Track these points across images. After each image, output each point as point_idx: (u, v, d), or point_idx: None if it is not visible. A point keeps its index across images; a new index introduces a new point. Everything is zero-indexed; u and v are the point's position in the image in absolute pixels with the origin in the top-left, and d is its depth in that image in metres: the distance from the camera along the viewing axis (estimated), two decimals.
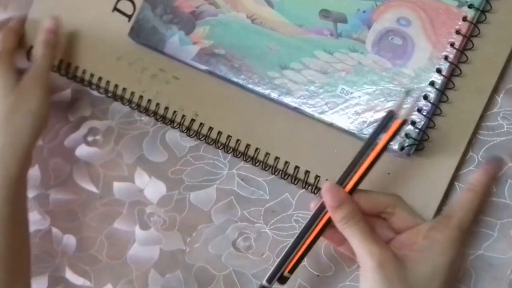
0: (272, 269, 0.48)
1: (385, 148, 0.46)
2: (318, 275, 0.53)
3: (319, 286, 0.53)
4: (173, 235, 0.57)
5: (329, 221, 0.47)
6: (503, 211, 0.49)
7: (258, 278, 0.54)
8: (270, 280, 0.48)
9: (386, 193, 0.50)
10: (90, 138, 0.61)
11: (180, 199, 0.57)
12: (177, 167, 0.58)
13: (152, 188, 0.58)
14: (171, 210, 0.58)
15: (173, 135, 0.58)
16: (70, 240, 0.60)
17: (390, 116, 0.47)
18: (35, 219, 0.61)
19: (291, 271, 0.48)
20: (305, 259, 0.52)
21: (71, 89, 0.62)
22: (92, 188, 0.60)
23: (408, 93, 0.48)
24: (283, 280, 0.48)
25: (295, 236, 0.47)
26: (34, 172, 0.62)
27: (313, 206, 0.48)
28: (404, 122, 0.46)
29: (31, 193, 0.61)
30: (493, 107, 0.50)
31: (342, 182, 0.47)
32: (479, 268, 0.49)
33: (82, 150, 0.61)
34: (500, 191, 0.49)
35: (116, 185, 0.60)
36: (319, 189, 0.52)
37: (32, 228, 0.61)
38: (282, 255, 0.48)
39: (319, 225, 0.47)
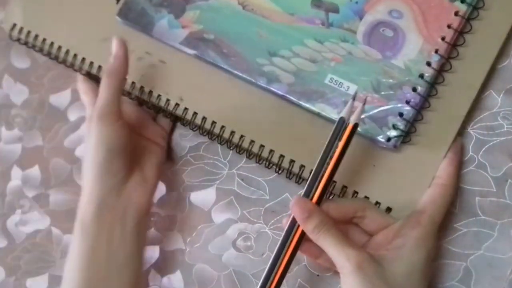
0: None
1: (343, 154, 0.47)
2: (318, 275, 0.53)
3: (319, 286, 0.53)
4: (173, 235, 0.57)
5: (303, 235, 0.47)
6: (503, 211, 0.49)
7: (258, 278, 0.54)
8: None
9: (354, 199, 0.50)
10: None
11: (180, 199, 0.57)
12: (177, 167, 0.58)
13: None
14: (171, 210, 0.58)
15: (173, 135, 0.58)
16: (70, 240, 0.60)
17: (342, 122, 0.47)
18: (35, 219, 0.61)
19: None
20: (305, 258, 0.52)
21: (71, 89, 0.62)
22: None
23: (355, 97, 0.48)
24: None
25: (272, 256, 0.47)
26: (34, 172, 0.62)
27: (285, 222, 0.48)
28: (355, 126, 0.47)
29: (31, 193, 0.61)
30: (493, 107, 0.50)
31: (308, 194, 0.47)
32: (479, 268, 0.49)
33: (82, 150, 0.61)
34: (500, 191, 0.49)
35: None
36: (302, 178, 0.52)
37: (32, 228, 0.61)
38: (263, 276, 0.47)
39: (294, 241, 0.47)
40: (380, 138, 0.49)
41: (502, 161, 0.50)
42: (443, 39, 0.49)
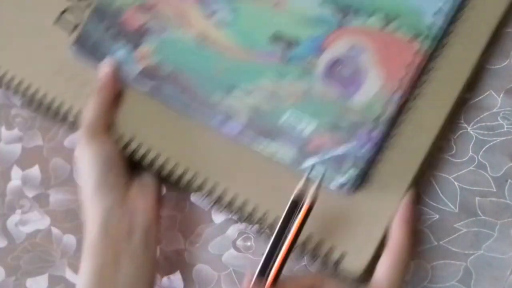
0: None
1: (298, 234, 0.46)
2: None
3: None
4: (173, 235, 0.57)
5: None
6: (503, 211, 0.49)
7: None
8: None
9: (310, 274, 0.50)
10: None
11: (180, 199, 0.57)
12: None
13: None
14: (171, 210, 0.57)
15: None
16: (70, 240, 0.60)
17: (294, 205, 0.47)
18: (35, 219, 0.61)
19: None
20: (305, 259, 0.52)
21: None
22: None
23: (309, 175, 0.47)
24: None
25: None
26: (34, 172, 0.62)
27: None
28: (312, 206, 0.46)
29: (31, 193, 0.61)
30: (493, 107, 0.50)
31: (263, 271, 0.47)
32: (479, 268, 0.49)
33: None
34: (500, 191, 0.49)
35: None
36: (253, 221, 0.51)
37: (32, 228, 0.61)
38: None
39: None
40: (333, 185, 0.48)
41: (502, 161, 0.50)
42: (404, 77, 0.48)
